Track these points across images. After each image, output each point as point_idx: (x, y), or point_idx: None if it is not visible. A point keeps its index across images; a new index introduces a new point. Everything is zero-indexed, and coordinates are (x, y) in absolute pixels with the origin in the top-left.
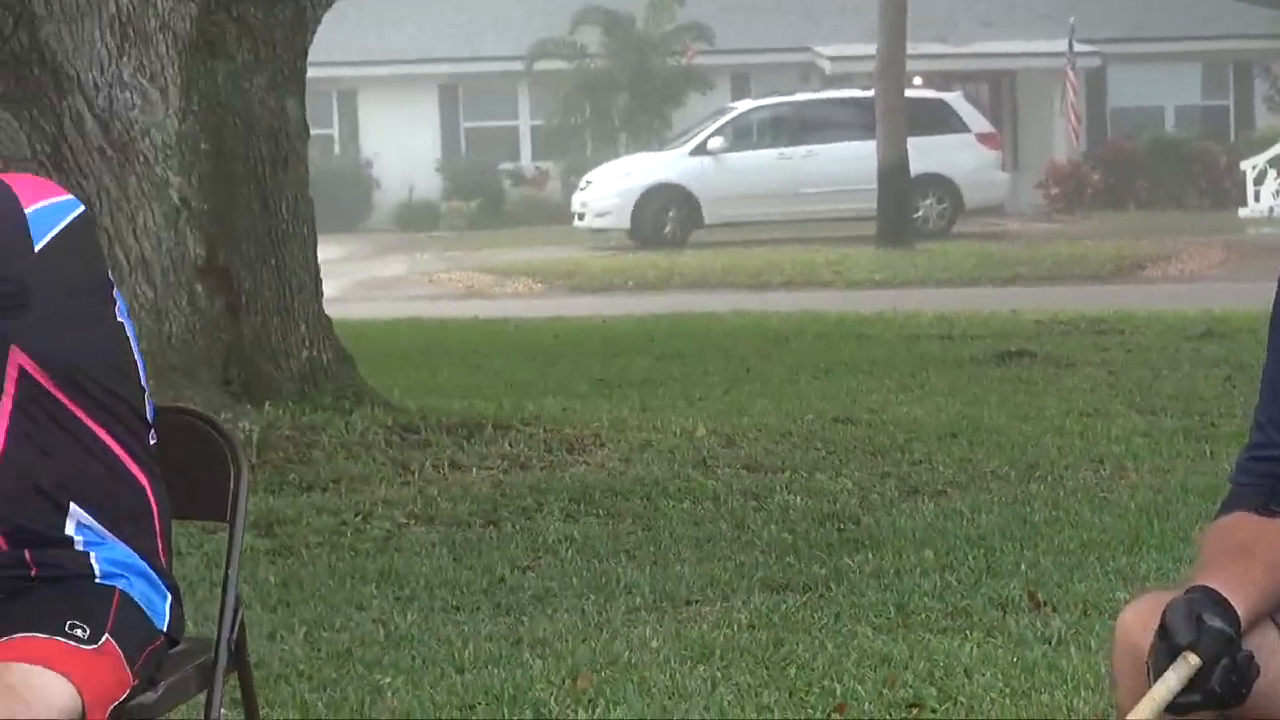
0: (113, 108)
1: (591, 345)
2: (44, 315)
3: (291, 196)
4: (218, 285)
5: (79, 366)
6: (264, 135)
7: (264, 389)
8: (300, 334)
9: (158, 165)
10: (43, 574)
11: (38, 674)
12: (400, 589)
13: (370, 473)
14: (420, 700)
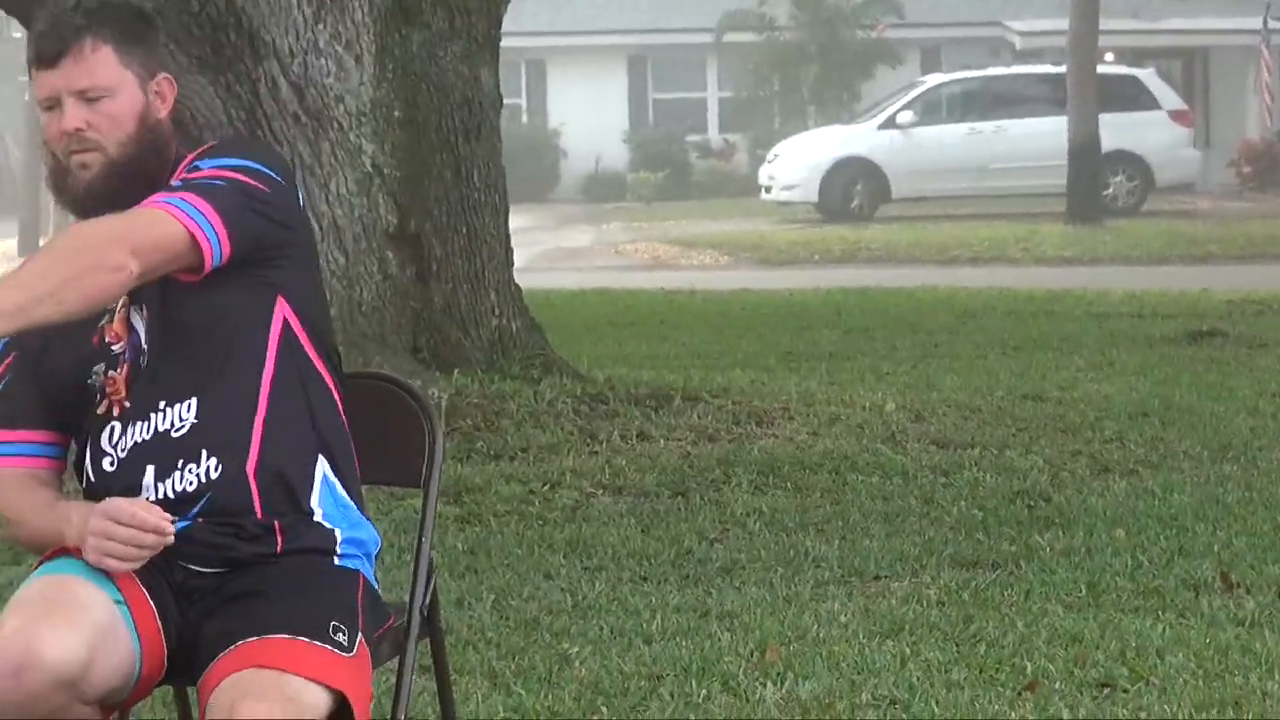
0: (308, 74)
1: (778, 318)
2: (301, 269)
3: (484, 165)
4: (409, 253)
5: (321, 322)
6: (457, 104)
7: (453, 357)
8: (490, 302)
9: (351, 132)
10: (288, 548)
11: (310, 690)
12: (588, 559)
13: (558, 442)
14: (608, 670)
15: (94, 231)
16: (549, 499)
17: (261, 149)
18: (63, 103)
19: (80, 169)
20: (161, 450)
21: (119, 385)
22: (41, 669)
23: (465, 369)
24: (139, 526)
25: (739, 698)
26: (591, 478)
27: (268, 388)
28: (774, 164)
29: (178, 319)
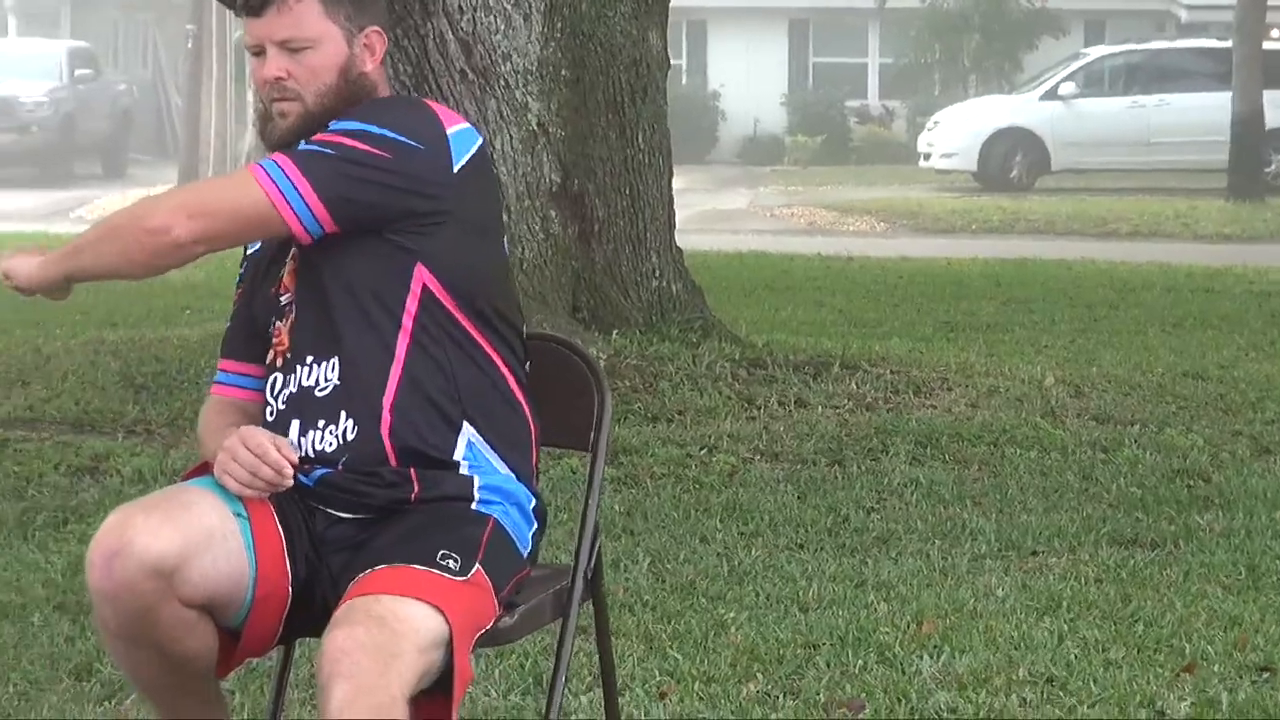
0: (476, 31)
1: (936, 287)
2: (453, 236)
3: (649, 126)
4: (571, 212)
5: (479, 289)
6: (625, 64)
7: (612, 317)
8: (651, 264)
9: (518, 90)
10: (423, 496)
11: (406, 605)
12: (744, 524)
13: (716, 406)
14: (764, 636)
15: (165, 194)
16: (706, 463)
17: (401, 113)
18: (266, 51)
19: (279, 117)
20: (306, 406)
21: (282, 337)
22: (131, 555)
23: (624, 330)
24: (261, 457)
25: (895, 669)
26: (749, 443)
27: (402, 355)
28: (934, 131)
29: (317, 277)
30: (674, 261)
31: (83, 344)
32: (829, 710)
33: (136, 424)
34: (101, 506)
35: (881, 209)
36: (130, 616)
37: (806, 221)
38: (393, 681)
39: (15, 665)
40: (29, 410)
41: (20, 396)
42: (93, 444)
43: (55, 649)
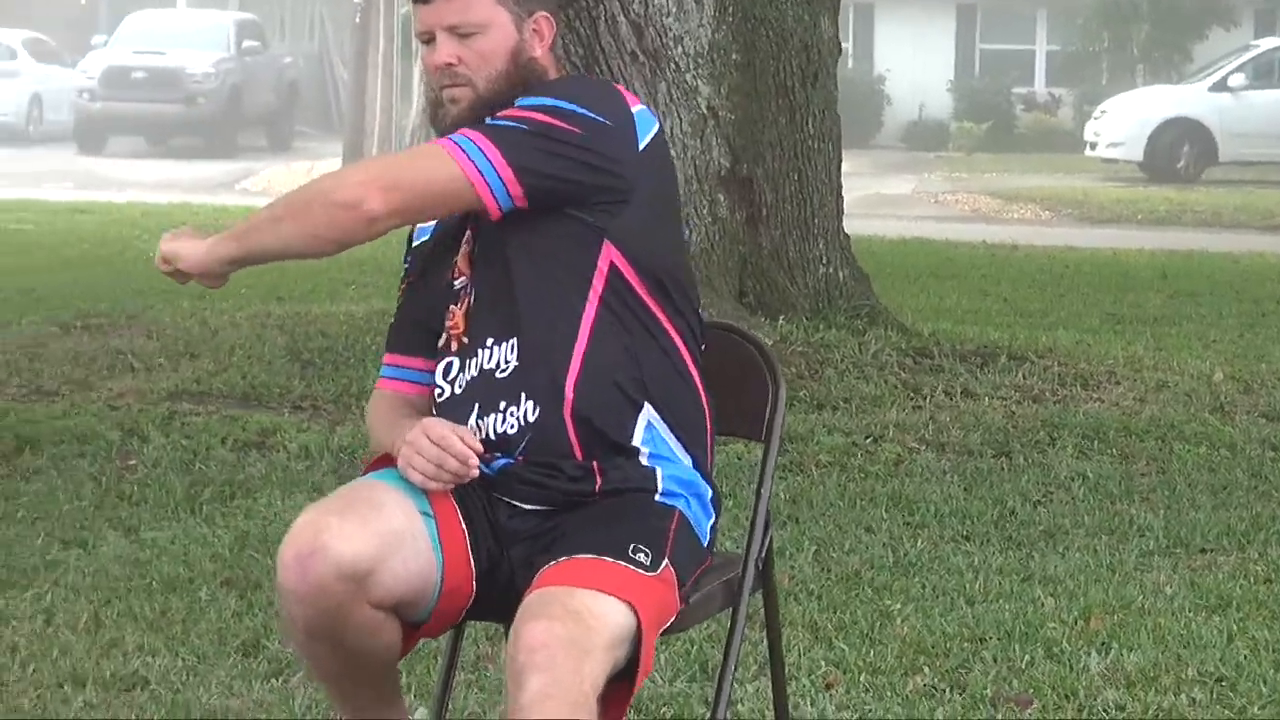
0: (648, 13)
1: (1102, 278)
2: (638, 214)
3: (819, 112)
4: (740, 196)
5: (662, 268)
6: (796, 49)
7: (778, 303)
8: (818, 250)
9: (688, 73)
10: (606, 488)
11: (602, 601)
12: (910, 515)
13: (882, 395)
14: (930, 628)
15: (353, 168)
16: (871, 452)
17: (590, 90)
18: (436, 38)
19: (450, 103)
20: (486, 390)
21: (458, 320)
22: (325, 558)
23: (790, 316)
24: (446, 448)
25: (1062, 665)
26: (915, 433)
27: (586, 334)
28: (1101, 120)
29: (502, 257)
30: (841, 248)
31: (249, 317)
32: (996, 705)
33: (303, 399)
34: (268, 481)
35: (1046, 197)
36: (320, 617)
37: (971, 208)
38: (585, 678)
39: (184, 640)
40: (196, 384)
41: (188, 369)
42: (259, 419)
43: (223, 624)
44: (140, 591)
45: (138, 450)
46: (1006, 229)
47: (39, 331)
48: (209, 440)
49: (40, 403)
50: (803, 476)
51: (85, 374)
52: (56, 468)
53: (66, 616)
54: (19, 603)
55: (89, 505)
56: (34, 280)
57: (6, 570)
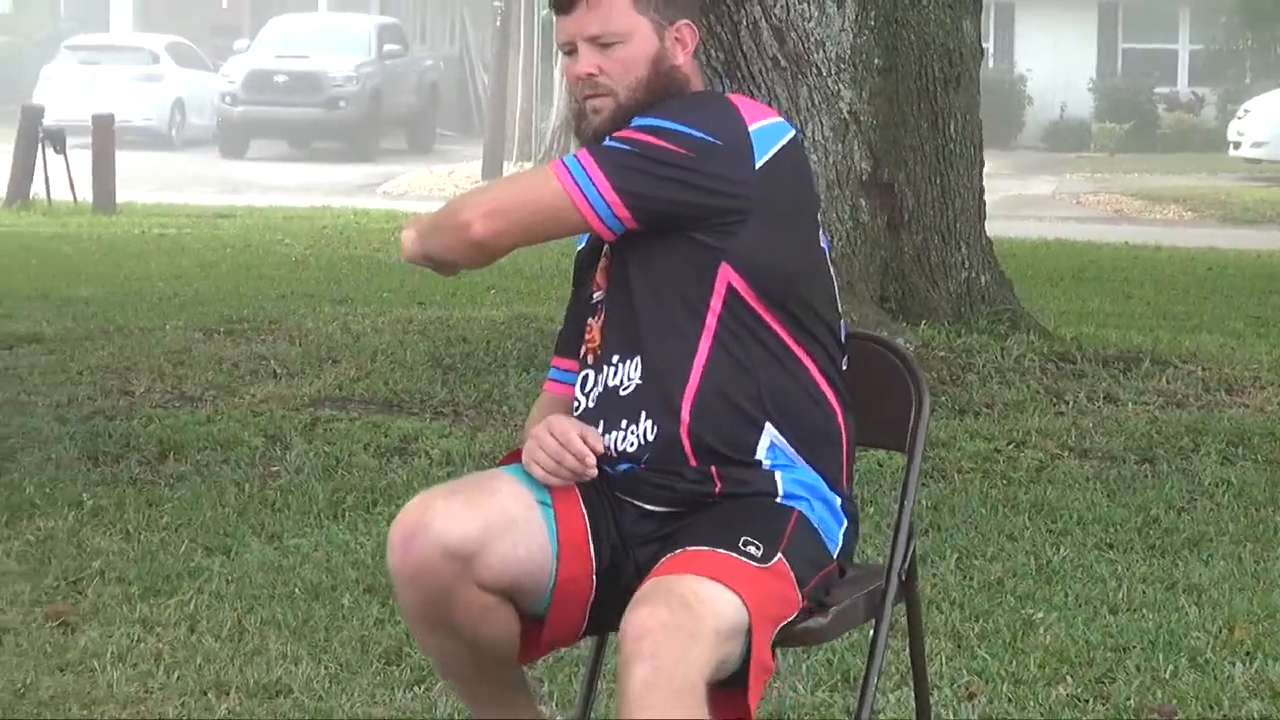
0: (790, 18)
1: (1245, 280)
2: (758, 233)
3: (961, 116)
4: (881, 201)
5: (786, 287)
6: (938, 53)
7: (920, 308)
8: (960, 255)
9: (830, 78)
10: (726, 490)
11: (707, 586)
12: (1053, 522)
13: (1024, 400)
14: (1073, 638)
15: (479, 189)
16: (1014, 458)
17: (702, 110)
18: (577, 47)
19: (593, 113)
20: (611, 405)
21: (594, 334)
22: (429, 538)
23: (932, 321)
24: (565, 445)
25: (1206, 675)
26: (1057, 439)
27: (704, 355)
28: (1244, 120)
29: (625, 276)
30: (983, 252)
31: (391, 323)
32: (1139, 716)
33: (444, 405)
34: (410, 488)
35: (1189, 197)
36: (427, 598)
37: (1113, 209)
38: (693, 665)
39: (326, 647)
40: (339, 389)
41: (331, 375)
42: (401, 425)
43: (365, 632)
44: (283, 599)
45: (281, 457)
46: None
47: (183, 337)
48: (351, 446)
49: (184, 409)
50: (945, 483)
51: (229, 380)
52: (200, 474)
53: (210, 624)
54: (163, 610)
55: (232, 512)
56: (178, 286)
57: (151, 577)
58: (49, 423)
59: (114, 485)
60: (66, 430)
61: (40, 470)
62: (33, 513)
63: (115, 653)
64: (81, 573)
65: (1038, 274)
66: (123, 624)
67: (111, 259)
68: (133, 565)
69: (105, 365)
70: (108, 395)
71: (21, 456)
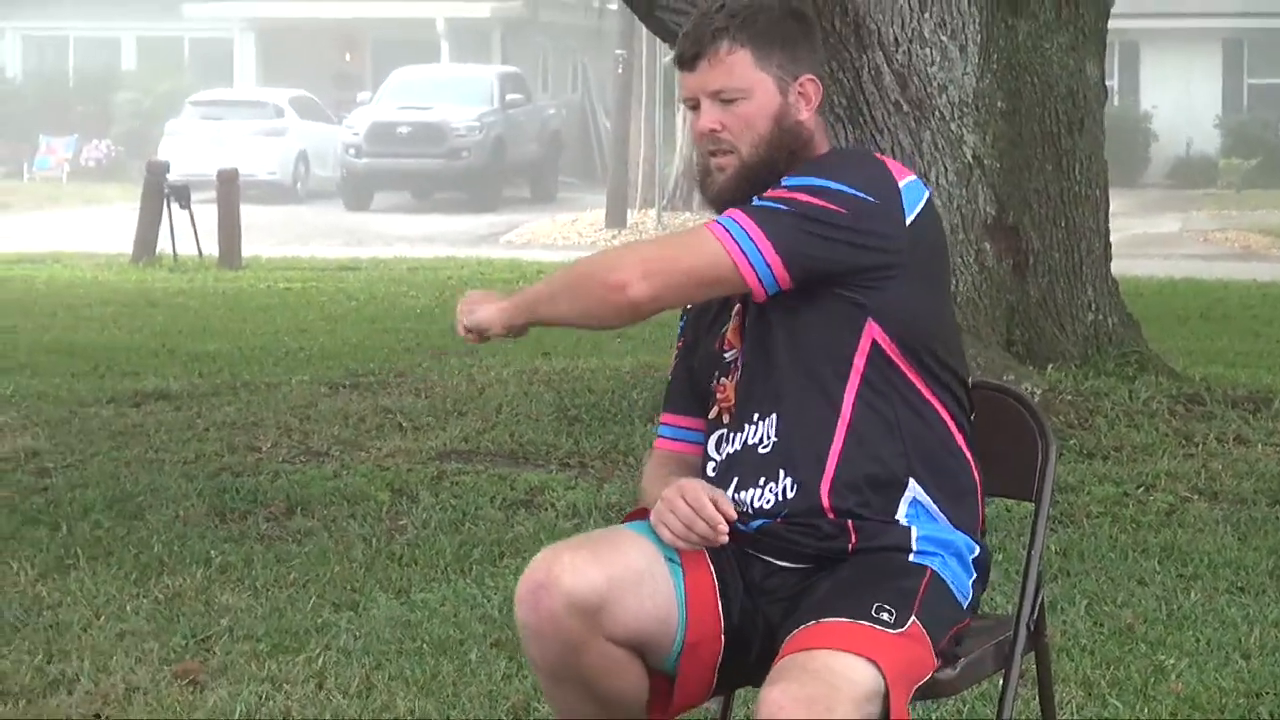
0: (911, 63)
1: None
2: (904, 289)
3: (1086, 158)
4: (1006, 245)
5: (925, 342)
6: (1061, 96)
7: (1047, 351)
8: (1087, 297)
9: (953, 122)
10: (860, 545)
11: (841, 659)
12: (1183, 566)
13: (1153, 443)
14: (1205, 684)
15: (628, 248)
16: (1143, 502)
17: (855, 167)
18: (700, 103)
19: (717, 171)
20: (747, 464)
21: (728, 393)
22: (556, 591)
23: (1059, 364)
24: (697, 510)
25: None
26: (1187, 481)
27: (848, 412)
28: None
29: (764, 333)
30: (1110, 294)
31: (516, 374)
32: None
33: (570, 456)
34: (536, 540)
35: None
36: (556, 652)
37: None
38: None
39: (454, 702)
40: (465, 442)
41: (456, 428)
42: (527, 477)
43: (493, 686)
44: (411, 654)
45: (407, 511)
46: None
47: (309, 391)
48: (478, 499)
49: (311, 464)
50: (1073, 528)
51: (354, 434)
52: (327, 529)
53: (338, 680)
54: (291, 667)
55: (359, 567)
56: (303, 340)
57: (279, 634)
58: (176, 480)
59: (241, 542)
60: (194, 487)
61: (168, 528)
62: (161, 570)
63: (244, 711)
64: (210, 630)
65: (1165, 314)
66: (251, 682)
67: (237, 314)
68: (260, 622)
69: (232, 421)
70: (234, 451)
71: (150, 514)
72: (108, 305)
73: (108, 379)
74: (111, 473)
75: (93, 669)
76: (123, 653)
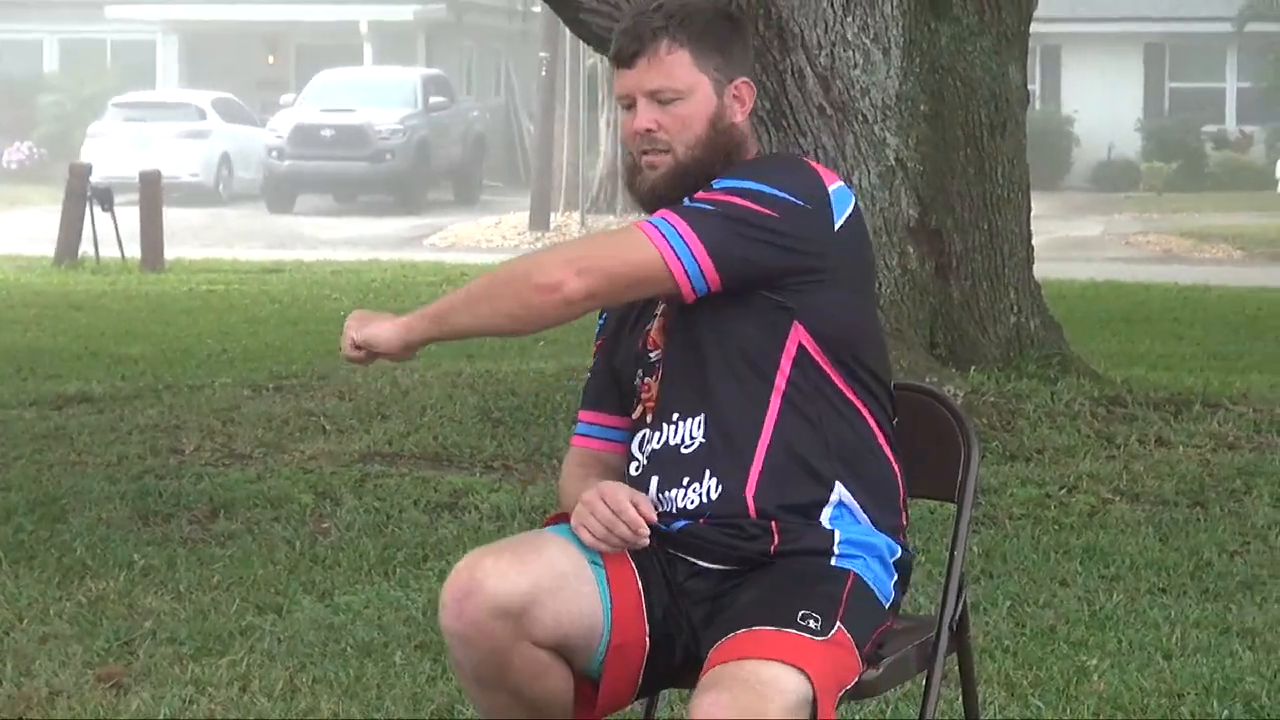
0: (834, 66)
1: None
2: (831, 293)
3: (1008, 162)
4: (929, 247)
5: (851, 345)
6: (984, 99)
7: (969, 354)
8: (1009, 300)
9: (876, 125)
10: (783, 549)
11: (769, 668)
12: (1105, 567)
13: (1075, 445)
14: (1127, 684)
15: (553, 249)
16: (1065, 504)
17: (785, 171)
18: (636, 102)
19: (649, 169)
20: (670, 463)
21: (653, 392)
22: (480, 596)
23: (981, 366)
24: (618, 514)
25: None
26: (1109, 483)
27: (774, 414)
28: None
29: (690, 334)
30: (1032, 296)
31: (440, 377)
32: None
33: (494, 459)
34: (460, 543)
35: (1239, 236)
36: (482, 658)
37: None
38: None
39: (379, 705)
40: (388, 445)
41: (380, 430)
42: (451, 479)
43: (418, 689)
44: (335, 657)
45: (331, 513)
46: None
47: (232, 394)
48: (401, 502)
49: (234, 466)
50: (995, 529)
51: (278, 437)
52: (251, 532)
53: (262, 683)
54: (215, 670)
55: (283, 570)
56: (226, 342)
57: (203, 637)
58: (99, 483)
59: (165, 545)
60: (117, 490)
61: (91, 531)
62: (84, 574)
63: (168, 714)
64: (133, 634)
65: (1087, 316)
66: (174, 685)
67: (160, 316)
68: (184, 625)
69: (155, 424)
70: (157, 454)
71: (72, 517)
72: (30, 308)
73: (30, 382)
74: (34, 476)
75: (15, 673)
76: (45, 656)
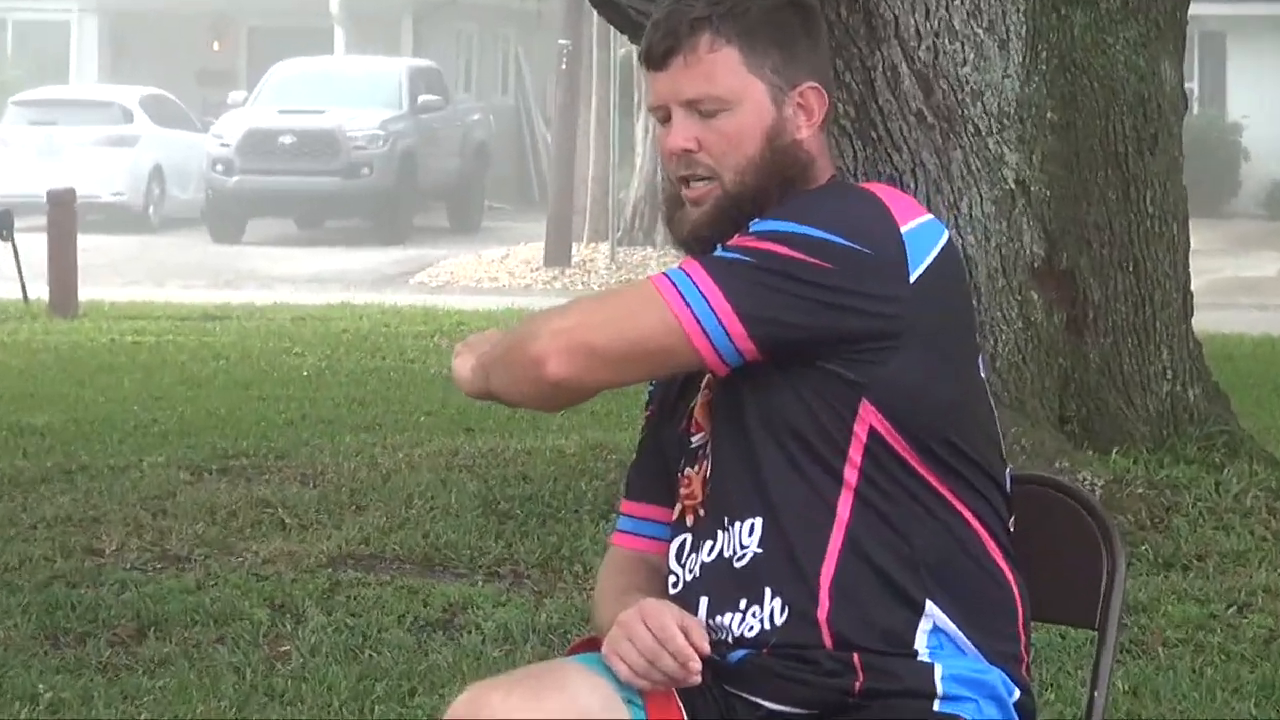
0: (937, 62)
1: None
2: (909, 361)
3: (1160, 185)
4: (1058, 294)
5: (940, 427)
6: (1129, 105)
7: (1111, 431)
8: (1161, 362)
9: (990, 138)
10: (869, 685)
11: None
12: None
13: (1247, 550)
14: None
15: (555, 310)
16: (1235, 626)
17: (841, 208)
18: (672, 114)
19: (691, 205)
20: (721, 579)
21: (693, 488)
22: None
23: (1126, 448)
24: (664, 643)
25: None
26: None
27: (845, 516)
28: None
29: (735, 413)
30: (1190, 357)
31: (429, 456)
32: None
33: (500, 564)
34: (457, 672)
35: None
36: None
37: None
38: None
39: None
40: (364, 544)
41: (354, 527)
42: (445, 590)
43: None
44: None
45: (291, 633)
46: None
47: (165, 478)
48: (382, 619)
49: (167, 571)
50: (1146, 660)
51: (223, 534)
52: (189, 658)
53: None
54: None
55: (230, 705)
56: (157, 411)
57: None
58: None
59: (78, 673)
60: (17, 601)
61: None
62: None
63: None
64: None
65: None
66: None
67: (73, 375)
68: None
69: (66, 516)
70: (69, 555)
71: None
72: None
73: None
74: None
75: None
76: None
